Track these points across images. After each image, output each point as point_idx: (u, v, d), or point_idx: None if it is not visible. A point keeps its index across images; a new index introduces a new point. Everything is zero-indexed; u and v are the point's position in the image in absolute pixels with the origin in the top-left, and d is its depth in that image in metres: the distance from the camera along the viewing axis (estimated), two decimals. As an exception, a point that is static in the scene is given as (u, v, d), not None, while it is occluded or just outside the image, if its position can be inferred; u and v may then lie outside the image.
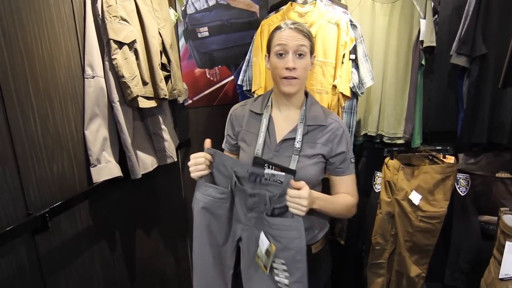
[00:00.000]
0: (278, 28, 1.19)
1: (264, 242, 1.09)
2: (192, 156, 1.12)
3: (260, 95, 1.33)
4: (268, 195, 1.08)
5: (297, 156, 1.17)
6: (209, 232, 1.18)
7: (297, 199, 1.03)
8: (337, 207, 1.21)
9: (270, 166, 1.15)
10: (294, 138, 1.18)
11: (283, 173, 1.06)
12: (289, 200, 1.04)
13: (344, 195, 1.24)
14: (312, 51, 1.20)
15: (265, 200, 1.09)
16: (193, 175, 1.13)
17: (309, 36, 1.17)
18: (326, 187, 1.30)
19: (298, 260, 1.07)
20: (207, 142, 1.14)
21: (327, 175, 1.29)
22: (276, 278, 1.11)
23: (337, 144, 1.21)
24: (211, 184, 1.15)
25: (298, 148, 1.17)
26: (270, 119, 1.24)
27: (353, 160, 1.26)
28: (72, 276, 1.31)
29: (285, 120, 1.24)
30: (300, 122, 1.20)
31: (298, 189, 1.04)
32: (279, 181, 1.06)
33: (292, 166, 1.16)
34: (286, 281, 1.09)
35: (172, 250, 2.07)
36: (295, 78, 1.15)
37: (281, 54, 1.16)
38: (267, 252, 1.08)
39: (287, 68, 1.14)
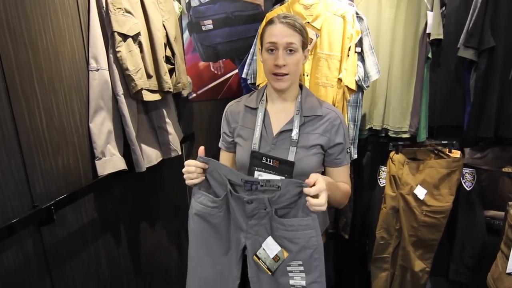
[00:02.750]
0: (270, 22, 1.18)
1: (272, 248, 1.07)
2: (185, 163, 1.10)
3: (255, 91, 1.32)
4: (267, 197, 1.04)
5: (295, 147, 1.16)
6: (204, 239, 1.16)
7: (317, 201, 0.97)
8: (339, 193, 1.19)
9: (268, 160, 1.14)
10: (291, 130, 1.18)
11: (279, 177, 1.03)
12: (312, 204, 0.97)
13: (342, 183, 1.24)
14: (304, 45, 1.19)
15: (264, 204, 1.06)
16: (186, 182, 1.12)
17: (301, 31, 1.16)
18: None
19: (315, 259, 1.06)
20: (201, 150, 1.11)
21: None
22: (291, 281, 1.08)
23: (335, 134, 1.20)
24: (203, 192, 1.13)
25: (296, 139, 1.17)
26: (265, 113, 1.23)
27: (349, 150, 1.26)
28: (77, 268, 1.32)
29: (280, 112, 1.23)
30: (296, 114, 1.20)
31: (313, 184, 0.98)
32: (276, 186, 1.03)
33: (290, 158, 1.15)
34: (302, 283, 1.07)
35: (176, 243, 2.08)
36: (285, 74, 1.15)
37: (271, 50, 1.15)
38: (276, 257, 1.07)
39: (276, 65, 1.13)
